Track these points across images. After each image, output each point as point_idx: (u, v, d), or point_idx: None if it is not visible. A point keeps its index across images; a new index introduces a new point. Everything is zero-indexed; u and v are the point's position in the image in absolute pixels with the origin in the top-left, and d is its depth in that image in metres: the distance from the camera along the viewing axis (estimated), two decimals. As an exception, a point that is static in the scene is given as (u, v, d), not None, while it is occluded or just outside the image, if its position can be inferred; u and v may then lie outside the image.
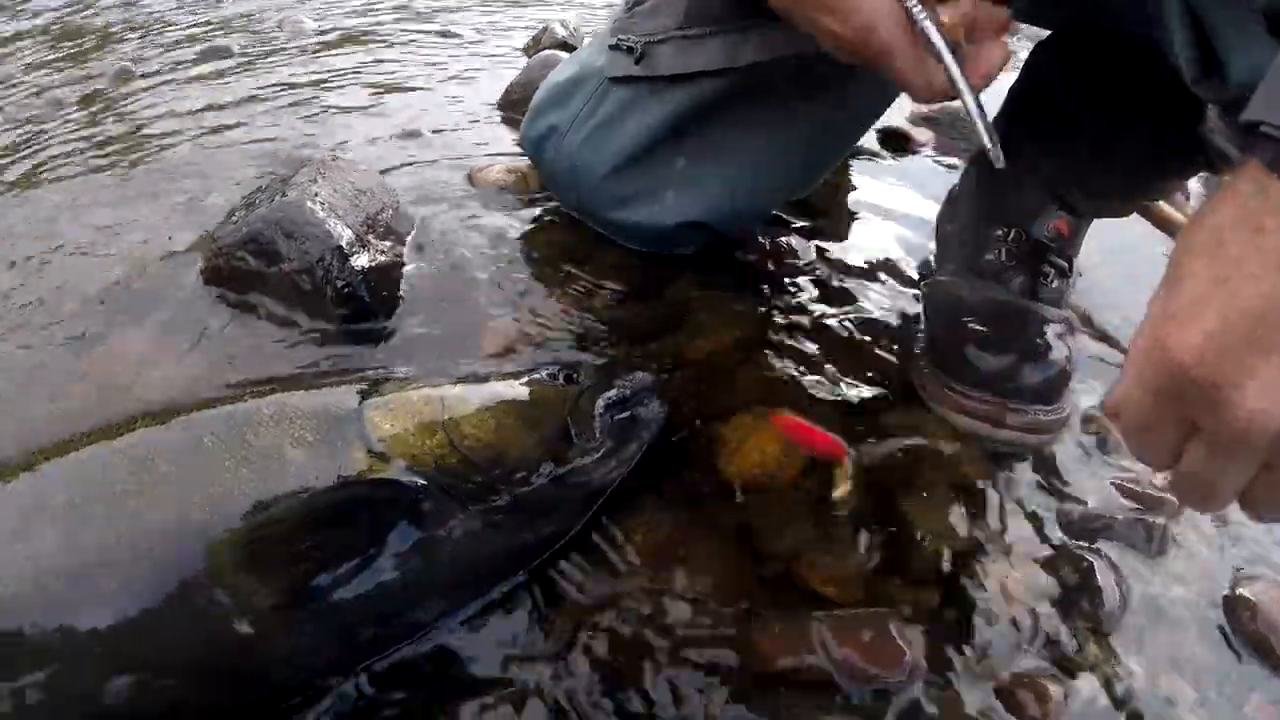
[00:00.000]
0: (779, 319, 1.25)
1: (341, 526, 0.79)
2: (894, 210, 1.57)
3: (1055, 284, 1.13)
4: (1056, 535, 0.99)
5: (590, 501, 0.94)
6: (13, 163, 1.73)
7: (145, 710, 0.74)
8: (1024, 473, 1.05)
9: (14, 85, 2.18)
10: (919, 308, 1.26)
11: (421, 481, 0.84)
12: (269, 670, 0.77)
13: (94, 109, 1.98)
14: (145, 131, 1.82)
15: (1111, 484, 1.06)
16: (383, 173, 1.49)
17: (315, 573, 0.77)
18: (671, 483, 1.00)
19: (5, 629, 0.72)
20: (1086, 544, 0.98)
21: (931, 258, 1.37)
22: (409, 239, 1.35)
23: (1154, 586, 0.96)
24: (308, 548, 0.77)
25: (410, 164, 1.59)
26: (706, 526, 0.95)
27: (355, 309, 1.17)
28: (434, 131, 1.73)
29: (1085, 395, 1.15)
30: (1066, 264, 1.15)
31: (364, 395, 0.92)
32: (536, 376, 1.01)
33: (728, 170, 1.24)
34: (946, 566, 0.92)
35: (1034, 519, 1.00)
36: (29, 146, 1.82)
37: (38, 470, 0.84)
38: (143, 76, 2.11)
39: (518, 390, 0.98)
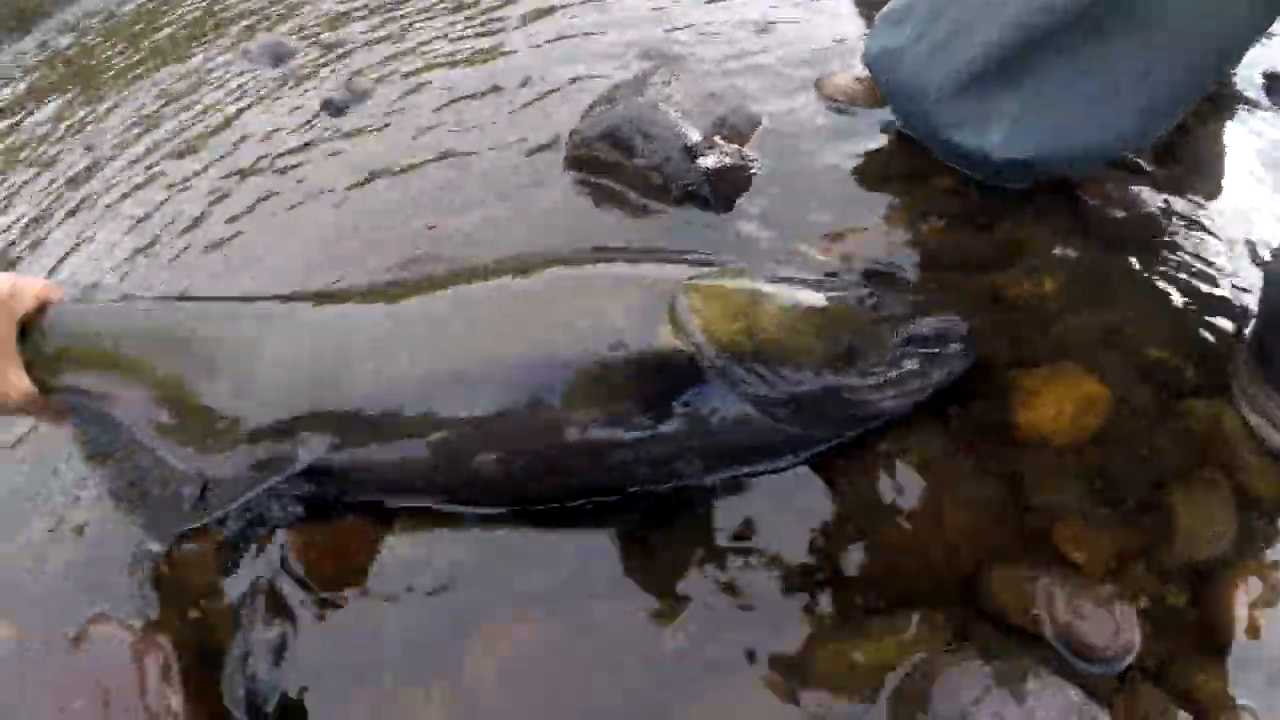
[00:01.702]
0: (1109, 273, 1.21)
1: (643, 379, 0.98)
2: (1266, 169, 1.44)
3: None
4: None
5: (860, 422, 1.02)
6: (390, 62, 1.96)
7: (500, 479, 1.01)
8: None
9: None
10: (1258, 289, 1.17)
11: (715, 358, 0.99)
12: (579, 470, 1.01)
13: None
14: (511, 27, 1.99)
15: None
16: (734, 69, 1.57)
17: (614, 411, 0.98)
18: (959, 414, 1.05)
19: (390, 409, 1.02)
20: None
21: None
22: (753, 142, 1.44)
23: None
24: (615, 389, 0.98)
25: (762, 63, 1.65)
26: (979, 465, 1.00)
27: (697, 206, 1.31)
28: (788, 27, 1.76)
29: None
30: None
31: (690, 275, 1.07)
32: (843, 294, 1.09)
33: (1053, 111, 1.21)
34: (1199, 570, 0.91)
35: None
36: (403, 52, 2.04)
37: (416, 299, 1.11)
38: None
39: (821, 301, 1.07)
